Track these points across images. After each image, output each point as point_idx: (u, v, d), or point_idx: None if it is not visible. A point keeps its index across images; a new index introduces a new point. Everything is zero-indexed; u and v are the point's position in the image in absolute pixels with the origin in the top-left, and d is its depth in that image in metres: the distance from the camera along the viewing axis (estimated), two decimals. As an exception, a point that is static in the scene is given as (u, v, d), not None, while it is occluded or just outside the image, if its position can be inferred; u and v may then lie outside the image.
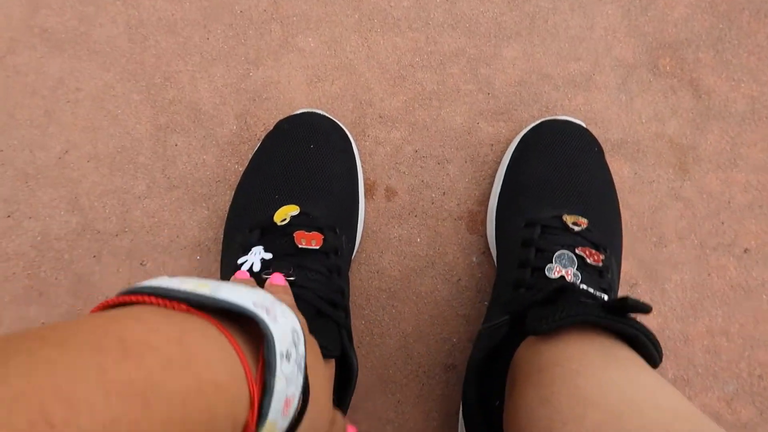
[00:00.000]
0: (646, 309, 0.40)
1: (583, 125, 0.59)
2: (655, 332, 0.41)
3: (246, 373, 0.22)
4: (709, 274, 0.62)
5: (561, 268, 0.49)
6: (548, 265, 0.49)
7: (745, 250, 0.62)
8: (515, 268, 0.51)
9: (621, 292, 0.61)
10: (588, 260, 0.49)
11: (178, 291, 0.23)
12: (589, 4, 0.65)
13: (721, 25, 0.65)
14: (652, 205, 0.63)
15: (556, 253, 0.49)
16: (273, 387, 0.22)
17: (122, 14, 0.65)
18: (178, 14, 0.65)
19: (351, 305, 0.58)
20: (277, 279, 0.42)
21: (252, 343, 0.23)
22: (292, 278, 0.47)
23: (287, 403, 0.23)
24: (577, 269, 0.49)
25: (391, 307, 0.61)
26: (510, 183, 0.58)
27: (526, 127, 0.61)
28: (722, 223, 0.62)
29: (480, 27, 0.65)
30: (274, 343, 0.22)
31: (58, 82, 0.64)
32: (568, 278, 0.48)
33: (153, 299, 0.22)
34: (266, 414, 0.22)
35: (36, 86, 0.63)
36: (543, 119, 0.60)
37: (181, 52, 0.64)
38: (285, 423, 0.23)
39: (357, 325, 0.61)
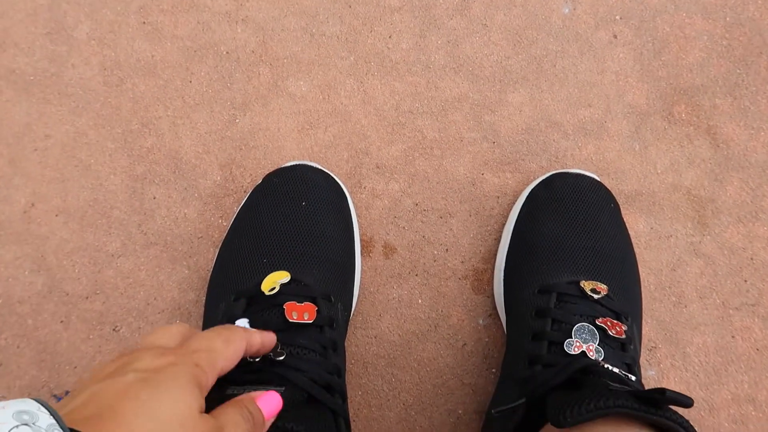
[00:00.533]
0: (687, 403, 0.35)
1: (597, 179, 0.55)
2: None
3: None
4: (733, 336, 0.57)
5: (582, 344, 0.44)
6: (567, 340, 0.44)
7: (771, 311, 0.58)
8: (529, 339, 0.46)
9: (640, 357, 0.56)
10: (610, 332, 0.45)
11: None
12: (600, 47, 0.62)
13: (738, 71, 0.61)
14: (671, 261, 0.58)
15: (576, 326, 0.45)
16: None
17: (97, 54, 0.60)
18: (158, 55, 0.60)
19: (347, 374, 0.52)
20: (269, 401, 0.35)
21: None
22: (281, 357, 0.41)
23: None
24: (599, 344, 0.44)
25: (391, 375, 0.56)
26: (519, 242, 0.54)
27: (534, 180, 0.57)
28: (745, 281, 0.58)
29: (484, 71, 0.61)
30: None
31: (25, 128, 0.58)
32: (590, 354, 0.43)
33: None
34: None
35: (0, 132, 0.58)
36: (553, 172, 0.56)
37: (161, 96, 0.59)
38: None
39: (353, 396, 0.55)
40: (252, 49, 0.61)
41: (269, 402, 0.33)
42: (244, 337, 0.34)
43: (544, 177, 0.56)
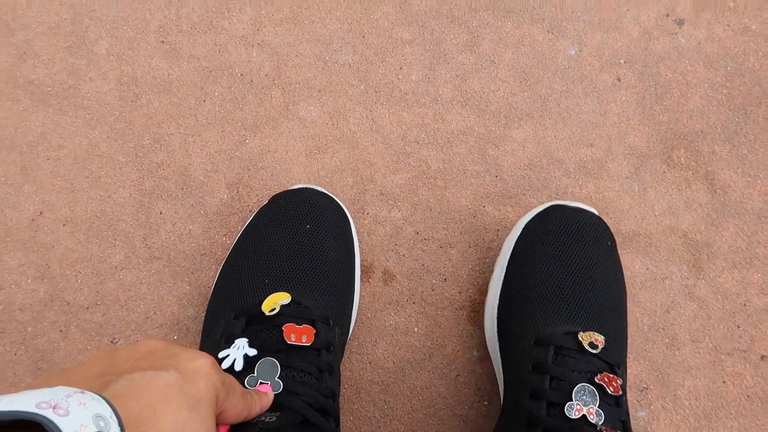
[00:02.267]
0: None
1: (596, 213, 0.54)
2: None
3: None
4: (723, 382, 0.58)
5: (582, 407, 0.43)
6: (568, 403, 0.43)
7: (762, 357, 0.58)
8: (527, 397, 0.45)
9: (630, 397, 0.57)
10: (608, 390, 0.44)
11: None
12: (603, 89, 0.63)
13: (737, 119, 0.63)
14: (665, 303, 0.59)
15: (576, 387, 0.44)
16: None
17: (115, 70, 0.62)
18: (174, 74, 0.62)
19: (340, 398, 0.53)
20: (265, 389, 0.37)
21: None
22: (279, 389, 0.42)
23: None
24: (599, 406, 0.43)
25: (383, 402, 0.56)
26: (513, 280, 0.53)
27: (531, 211, 0.56)
28: (738, 326, 0.59)
29: (490, 106, 0.62)
30: None
31: (40, 137, 0.59)
32: (591, 418, 0.43)
33: None
34: None
35: (15, 140, 0.59)
36: (550, 204, 0.55)
37: (174, 113, 0.61)
38: None
39: (345, 420, 0.55)
40: (266, 72, 0.62)
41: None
42: (257, 402, 0.37)
43: (541, 209, 0.54)
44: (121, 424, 0.23)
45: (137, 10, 0.63)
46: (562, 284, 0.50)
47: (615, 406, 0.44)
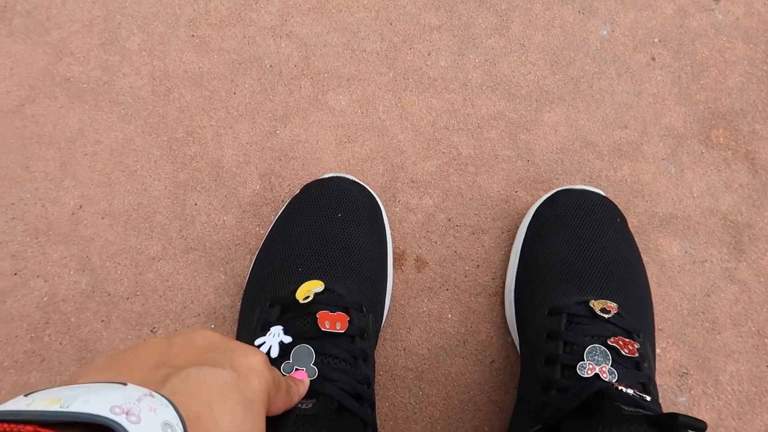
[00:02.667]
0: (701, 427, 0.35)
1: (602, 194, 0.55)
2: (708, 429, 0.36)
3: None
4: (767, 366, 0.56)
5: (594, 366, 0.44)
6: (580, 363, 0.44)
7: (808, 341, 0.57)
8: (542, 363, 0.46)
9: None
10: (622, 351, 0.44)
11: (26, 412, 0.21)
12: (637, 70, 0.62)
13: (779, 96, 0.61)
14: (705, 287, 0.58)
15: (587, 348, 0.45)
16: None
17: (147, 65, 0.63)
18: (204, 67, 0.62)
19: (375, 385, 0.53)
20: (301, 375, 0.38)
21: None
22: (314, 376, 0.42)
23: None
24: (612, 365, 0.44)
25: (418, 388, 0.56)
26: (527, 262, 0.54)
27: (540, 198, 0.57)
28: (782, 309, 0.57)
29: (521, 90, 0.61)
30: None
31: (77, 133, 0.61)
32: (603, 377, 0.43)
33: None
34: None
35: (54, 137, 0.61)
36: (558, 189, 0.56)
37: (206, 106, 0.62)
38: None
39: (380, 407, 0.56)
40: (294, 63, 0.62)
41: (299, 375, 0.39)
42: (296, 392, 0.37)
43: (548, 194, 0.56)
44: (185, 430, 0.23)
45: (167, 5, 0.64)
46: (572, 260, 0.51)
47: (634, 369, 0.44)
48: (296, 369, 0.42)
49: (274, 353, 0.43)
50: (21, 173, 0.60)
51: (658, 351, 0.56)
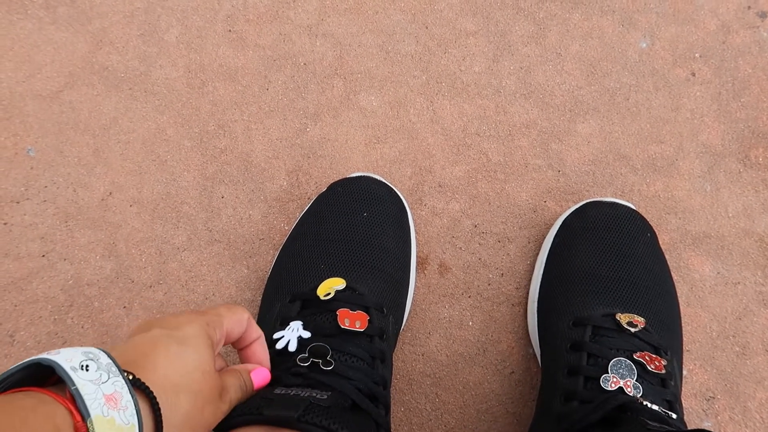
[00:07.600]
0: None
1: (633, 207, 0.54)
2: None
3: (56, 399, 0.25)
4: (799, 396, 0.54)
5: (619, 379, 0.43)
6: (604, 376, 0.43)
7: (844, 373, 0.54)
8: (564, 375, 0.45)
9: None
10: (648, 367, 0.43)
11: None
12: (676, 84, 0.60)
13: (823, 118, 0.59)
14: (737, 310, 0.56)
15: (612, 361, 0.43)
16: (77, 390, 0.25)
17: (184, 57, 0.63)
18: (239, 62, 0.63)
19: (391, 389, 0.52)
20: (259, 375, 0.39)
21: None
22: (329, 367, 0.42)
23: (111, 398, 0.26)
24: (637, 380, 0.43)
25: (435, 395, 0.55)
26: (552, 272, 0.53)
27: (567, 209, 0.56)
28: (817, 338, 0.55)
29: (555, 99, 0.61)
30: (57, 363, 0.26)
31: (112, 121, 0.62)
32: (628, 391, 0.42)
33: None
34: (86, 412, 0.25)
35: (89, 124, 0.62)
36: (586, 201, 0.55)
37: (239, 100, 0.62)
38: (128, 417, 0.26)
39: (395, 411, 0.55)
40: (328, 62, 0.63)
41: (259, 376, 0.39)
42: (245, 311, 0.38)
43: (577, 206, 0.54)
44: (110, 356, 0.28)
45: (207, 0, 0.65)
46: (600, 272, 0.50)
47: (659, 386, 0.42)
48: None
49: (293, 347, 0.43)
50: (55, 157, 0.61)
51: (684, 372, 0.54)
